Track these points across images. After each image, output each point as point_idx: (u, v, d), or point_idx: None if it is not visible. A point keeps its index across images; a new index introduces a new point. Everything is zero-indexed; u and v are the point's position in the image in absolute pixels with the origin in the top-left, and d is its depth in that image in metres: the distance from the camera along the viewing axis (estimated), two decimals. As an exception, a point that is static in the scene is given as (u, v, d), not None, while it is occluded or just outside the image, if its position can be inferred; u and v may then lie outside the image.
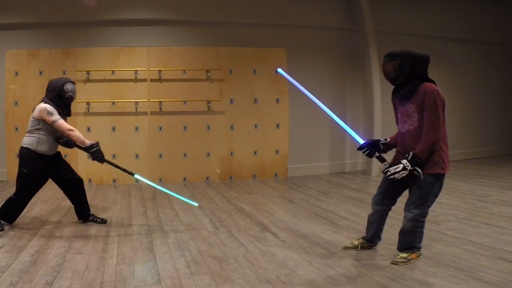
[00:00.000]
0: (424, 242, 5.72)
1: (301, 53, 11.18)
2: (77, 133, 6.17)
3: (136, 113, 10.17)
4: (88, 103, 10.11)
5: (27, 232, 6.14)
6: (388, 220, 6.81)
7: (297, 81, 11.11)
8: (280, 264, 5.04)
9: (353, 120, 11.84)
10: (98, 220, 6.79)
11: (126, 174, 6.99)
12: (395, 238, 5.97)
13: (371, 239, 5.50)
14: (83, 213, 6.81)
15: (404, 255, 4.99)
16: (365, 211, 7.46)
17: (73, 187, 6.70)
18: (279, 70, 6.33)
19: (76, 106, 10.03)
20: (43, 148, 6.25)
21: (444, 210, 7.47)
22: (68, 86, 6.33)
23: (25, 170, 6.30)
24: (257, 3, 10.82)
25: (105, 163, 6.49)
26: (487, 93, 14.22)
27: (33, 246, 5.57)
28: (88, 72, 10.06)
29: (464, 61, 13.56)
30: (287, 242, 5.87)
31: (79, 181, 6.73)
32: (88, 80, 10.08)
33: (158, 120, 10.40)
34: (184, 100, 10.39)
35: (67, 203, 8.04)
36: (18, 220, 6.74)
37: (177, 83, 10.40)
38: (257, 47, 10.89)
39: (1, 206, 6.44)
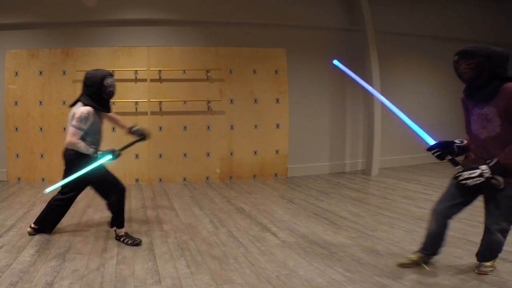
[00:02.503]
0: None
1: (301, 53, 11.18)
2: (78, 145, 5.66)
3: (136, 113, 10.16)
4: (88, 103, 10.06)
5: (27, 232, 6.15)
6: (387, 220, 6.82)
7: (297, 81, 11.13)
8: (280, 264, 5.04)
9: (353, 120, 11.86)
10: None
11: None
12: (395, 238, 5.98)
13: (435, 252, 4.93)
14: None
15: (490, 263, 4.67)
16: (365, 211, 7.51)
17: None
18: (335, 62, 5.89)
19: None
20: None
21: (444, 210, 7.47)
22: (108, 81, 5.72)
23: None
24: (257, 3, 10.82)
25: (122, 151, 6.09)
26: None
27: (33, 246, 5.57)
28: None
29: (464, 61, 13.52)
30: (287, 242, 5.87)
31: None
32: (88, 80, 10.07)
33: (158, 120, 10.38)
34: (184, 100, 10.38)
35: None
36: (18, 221, 6.76)
37: (177, 83, 10.39)
38: (257, 47, 10.89)
39: (113, 216, 5.92)
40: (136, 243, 5.72)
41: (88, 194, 8.66)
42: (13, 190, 9.22)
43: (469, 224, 6.53)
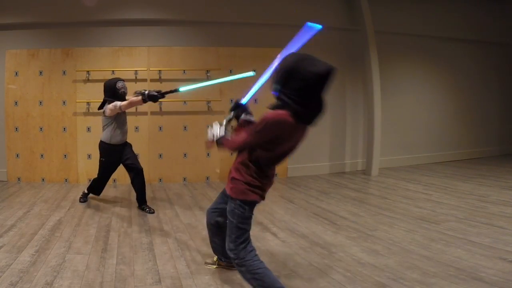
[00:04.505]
0: (424, 242, 5.72)
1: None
2: (127, 102, 6.93)
3: (136, 113, 10.15)
4: (88, 103, 10.08)
5: (27, 232, 6.15)
6: (387, 220, 6.81)
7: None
8: (280, 264, 5.04)
9: (353, 120, 11.85)
10: (147, 209, 7.62)
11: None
12: (395, 238, 5.97)
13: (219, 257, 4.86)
14: (138, 201, 7.78)
15: None
16: (365, 211, 7.49)
17: (133, 174, 7.59)
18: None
19: (76, 106, 10.09)
20: (115, 140, 7.39)
21: (444, 210, 7.47)
22: (119, 84, 7.36)
23: (103, 159, 7.57)
24: (256, 3, 10.80)
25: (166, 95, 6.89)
26: (487, 93, 14.23)
27: (33, 246, 5.57)
28: (88, 72, 10.05)
29: (464, 61, 13.55)
30: (287, 242, 5.87)
31: (139, 170, 7.57)
32: (88, 80, 10.08)
33: (158, 120, 10.39)
34: (184, 100, 10.38)
35: (66, 203, 8.09)
36: (18, 220, 6.76)
37: (177, 83, 10.36)
38: (257, 47, 10.87)
39: (89, 184, 8.12)
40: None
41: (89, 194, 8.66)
42: (13, 190, 9.22)
43: (469, 224, 6.55)
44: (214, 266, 4.93)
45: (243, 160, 3.84)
